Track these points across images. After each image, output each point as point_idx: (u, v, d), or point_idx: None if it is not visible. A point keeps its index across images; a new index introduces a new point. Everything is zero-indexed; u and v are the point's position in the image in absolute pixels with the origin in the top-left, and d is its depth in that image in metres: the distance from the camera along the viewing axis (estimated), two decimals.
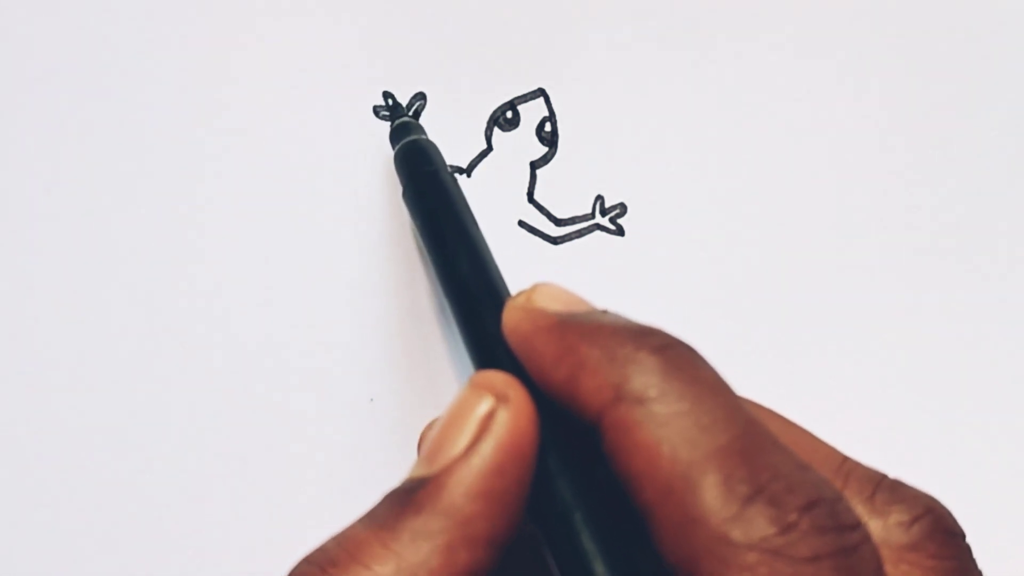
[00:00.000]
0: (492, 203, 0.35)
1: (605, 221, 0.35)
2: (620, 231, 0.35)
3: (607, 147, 0.35)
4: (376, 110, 0.35)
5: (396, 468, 0.34)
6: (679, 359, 0.21)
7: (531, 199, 0.35)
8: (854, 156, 0.36)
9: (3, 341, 0.34)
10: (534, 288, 0.24)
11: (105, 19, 0.35)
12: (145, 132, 0.34)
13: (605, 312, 0.23)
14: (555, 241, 0.35)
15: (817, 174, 0.36)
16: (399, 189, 0.32)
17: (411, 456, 0.34)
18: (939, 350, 0.36)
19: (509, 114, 0.35)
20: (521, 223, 0.35)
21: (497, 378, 0.22)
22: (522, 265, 0.35)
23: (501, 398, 0.22)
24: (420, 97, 0.35)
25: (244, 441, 0.34)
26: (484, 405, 0.22)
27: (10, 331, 0.34)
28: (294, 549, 0.34)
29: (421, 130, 0.33)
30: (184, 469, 0.33)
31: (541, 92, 0.36)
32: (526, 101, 0.35)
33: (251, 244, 0.34)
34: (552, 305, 0.23)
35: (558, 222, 0.35)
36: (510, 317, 0.23)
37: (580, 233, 0.35)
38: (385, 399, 0.34)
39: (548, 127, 0.35)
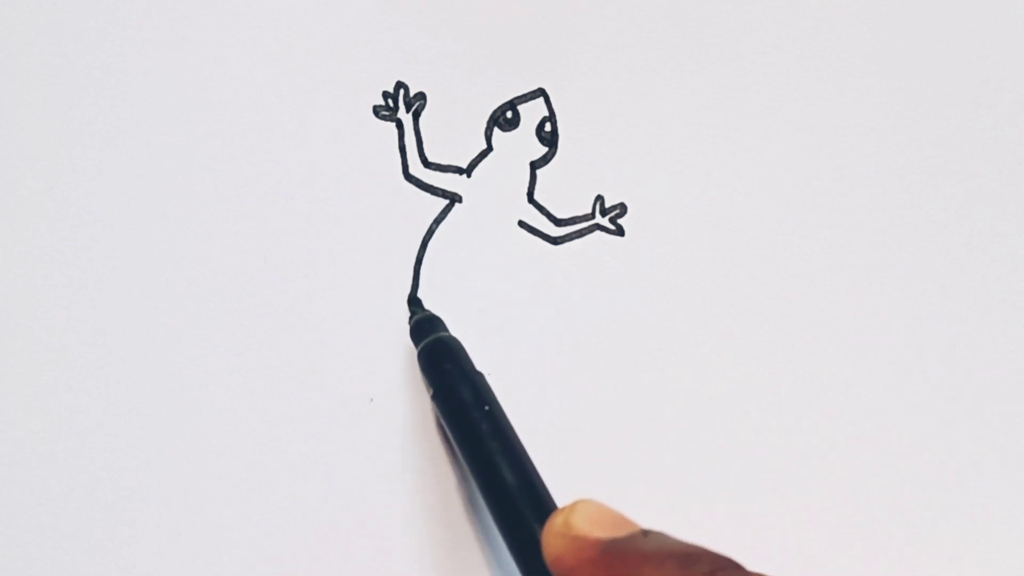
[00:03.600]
0: (492, 203, 0.35)
1: (605, 221, 0.35)
2: (620, 231, 0.35)
3: (607, 147, 0.35)
4: (376, 110, 0.35)
5: (396, 468, 0.34)
6: None
7: (531, 199, 0.35)
8: (854, 156, 0.36)
9: (4, 341, 0.34)
10: (573, 509, 0.23)
11: (105, 19, 0.35)
12: (145, 132, 0.34)
13: (647, 534, 0.22)
14: (555, 241, 0.35)
15: (817, 174, 0.36)
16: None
17: (411, 456, 0.34)
18: (939, 350, 0.36)
19: (509, 114, 0.35)
20: (521, 223, 0.35)
21: None
22: (522, 265, 0.35)
23: None
24: (420, 97, 0.35)
25: (244, 441, 0.34)
26: None
27: (10, 331, 0.34)
28: (294, 549, 0.34)
29: (442, 325, 0.33)
30: (184, 469, 0.33)
31: (541, 92, 0.35)
32: (526, 101, 0.35)
33: (250, 244, 0.34)
34: (593, 530, 0.23)
35: (558, 222, 0.35)
36: (551, 545, 0.23)
37: (580, 233, 0.35)
38: (385, 399, 0.34)
39: (548, 127, 0.35)
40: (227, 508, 0.33)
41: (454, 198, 0.35)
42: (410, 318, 0.34)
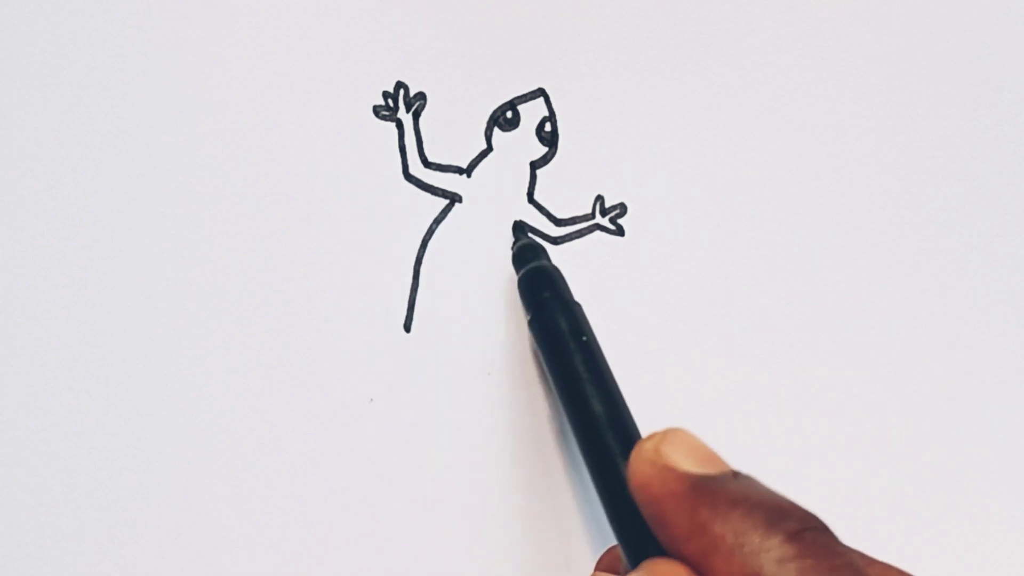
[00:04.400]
0: (492, 203, 0.35)
1: (605, 221, 0.35)
2: (620, 231, 0.35)
3: (607, 147, 0.35)
4: (376, 110, 0.35)
5: (396, 468, 0.34)
6: (815, 546, 0.20)
7: (531, 199, 0.35)
8: (854, 156, 0.36)
9: (4, 341, 0.34)
10: (664, 436, 0.23)
11: (105, 19, 0.35)
12: (145, 132, 0.34)
13: (737, 476, 0.22)
14: (555, 241, 0.35)
15: (817, 174, 0.36)
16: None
17: (410, 456, 0.34)
18: (939, 350, 0.36)
19: (509, 114, 0.35)
20: (521, 223, 0.35)
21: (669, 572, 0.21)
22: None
23: None
24: (420, 97, 0.35)
25: (244, 441, 0.34)
26: None
27: (10, 331, 0.34)
28: (294, 549, 0.34)
29: (544, 253, 0.33)
30: (184, 469, 0.33)
31: (541, 92, 0.35)
32: (526, 101, 0.35)
33: (250, 244, 0.34)
34: (683, 462, 0.22)
35: (558, 222, 0.35)
36: (639, 472, 0.22)
37: (580, 233, 0.35)
38: (385, 399, 0.34)
39: (548, 127, 0.35)
40: (227, 508, 0.33)
41: (454, 198, 0.35)
42: (513, 243, 0.34)
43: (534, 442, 0.34)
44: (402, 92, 0.35)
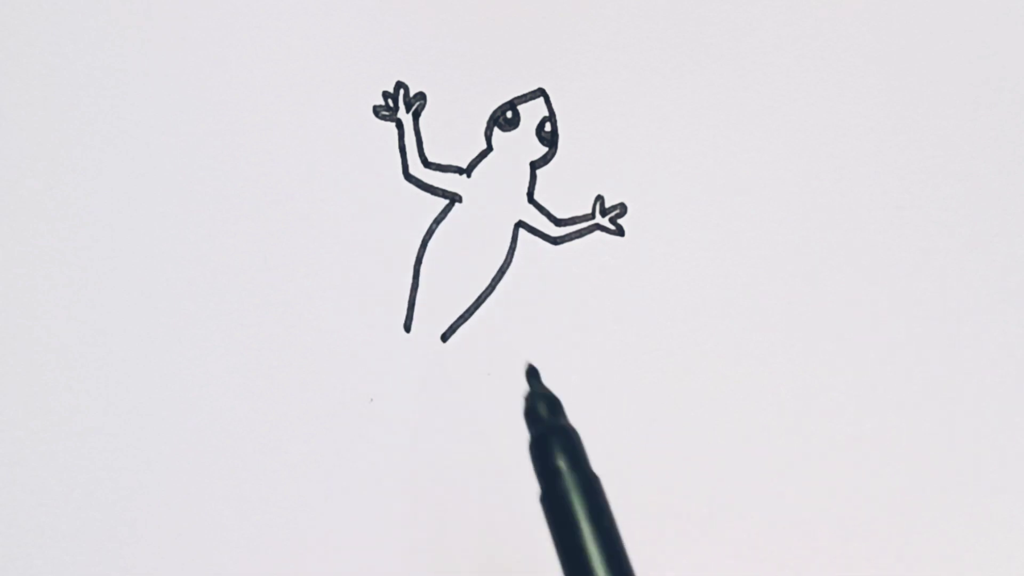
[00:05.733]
0: (492, 203, 0.35)
1: (605, 221, 0.35)
2: (620, 231, 0.35)
3: (607, 147, 0.35)
4: (376, 110, 0.35)
5: (395, 468, 0.34)
6: None
7: (531, 199, 0.35)
8: (854, 156, 0.36)
9: (4, 341, 0.34)
10: None
11: (105, 19, 0.35)
12: (145, 132, 0.34)
13: None
14: (555, 241, 0.35)
15: (817, 174, 0.36)
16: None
17: (410, 456, 0.34)
18: (939, 350, 0.36)
19: (509, 114, 0.35)
20: (521, 223, 0.35)
21: None
22: (522, 265, 0.35)
23: None
24: (420, 97, 0.35)
25: (244, 441, 0.34)
26: None
27: (10, 331, 0.34)
28: (294, 549, 0.34)
29: (561, 408, 0.30)
30: (184, 469, 0.33)
31: (541, 92, 0.35)
32: (526, 101, 0.35)
33: (250, 244, 0.34)
34: None
35: (558, 222, 0.35)
36: None
37: (580, 233, 0.35)
38: (385, 399, 0.34)
39: (548, 127, 0.35)
40: (227, 508, 0.33)
41: (454, 198, 0.35)
42: (527, 394, 0.30)
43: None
44: (402, 92, 0.35)
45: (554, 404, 0.30)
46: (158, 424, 0.33)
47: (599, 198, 0.35)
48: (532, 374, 0.30)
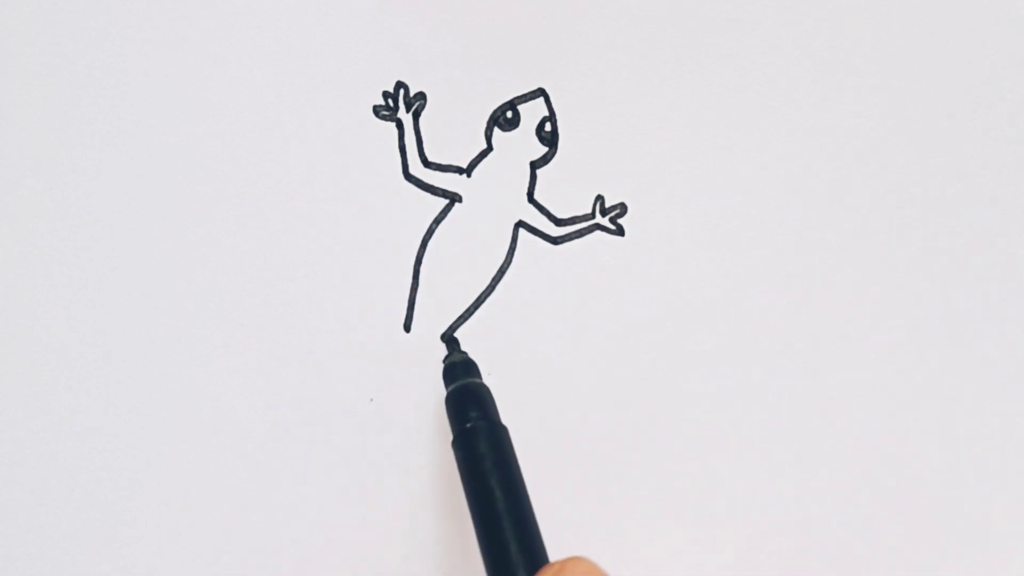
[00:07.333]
0: (492, 203, 0.35)
1: (605, 221, 0.35)
2: (620, 231, 0.35)
3: (607, 147, 0.35)
4: (376, 110, 0.35)
5: (395, 468, 0.34)
6: None
7: (531, 199, 0.35)
8: (854, 156, 0.36)
9: (4, 341, 0.34)
10: (563, 567, 0.24)
11: (105, 19, 0.35)
12: (145, 132, 0.34)
13: None
14: (555, 241, 0.35)
15: (817, 174, 0.36)
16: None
17: (410, 456, 0.34)
18: (939, 350, 0.36)
19: (509, 114, 0.35)
20: (521, 223, 0.35)
21: None
22: (522, 265, 0.35)
23: None
24: (420, 97, 0.35)
25: (244, 441, 0.34)
26: None
27: (10, 331, 0.34)
28: (295, 549, 0.34)
29: (475, 369, 0.33)
30: (184, 469, 0.33)
31: (541, 92, 0.35)
32: (526, 101, 0.35)
33: (250, 244, 0.34)
34: None
35: (558, 222, 0.35)
36: None
37: (580, 233, 0.35)
38: (385, 399, 0.34)
39: (548, 127, 0.35)
40: (227, 508, 0.33)
41: (454, 198, 0.35)
42: (444, 358, 0.33)
43: (534, 442, 0.34)
44: (402, 92, 0.35)
45: (470, 366, 0.33)
46: (158, 424, 0.33)
47: (599, 198, 0.35)
48: (450, 341, 0.34)
